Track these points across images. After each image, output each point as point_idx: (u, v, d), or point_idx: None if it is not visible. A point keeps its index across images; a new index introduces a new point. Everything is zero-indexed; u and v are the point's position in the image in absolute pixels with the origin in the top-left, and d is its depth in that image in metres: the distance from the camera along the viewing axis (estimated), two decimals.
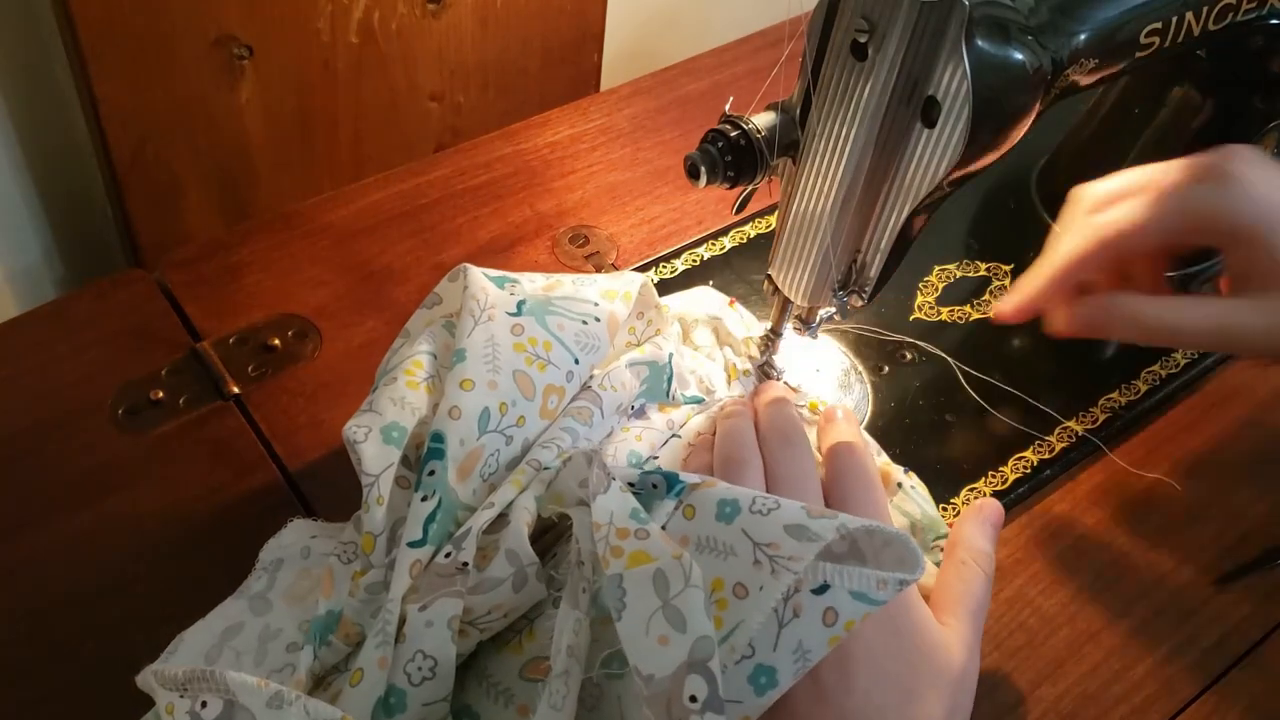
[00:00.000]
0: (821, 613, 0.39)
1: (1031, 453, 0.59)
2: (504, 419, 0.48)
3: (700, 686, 0.37)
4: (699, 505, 0.43)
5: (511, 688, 0.44)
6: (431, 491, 0.45)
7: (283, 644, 0.46)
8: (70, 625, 0.50)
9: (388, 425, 0.46)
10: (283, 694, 0.39)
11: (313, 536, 0.50)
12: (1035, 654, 0.52)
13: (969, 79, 0.43)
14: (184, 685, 0.40)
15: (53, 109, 0.70)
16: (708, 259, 0.68)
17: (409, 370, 0.49)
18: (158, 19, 0.65)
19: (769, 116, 0.49)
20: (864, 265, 0.52)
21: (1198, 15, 0.55)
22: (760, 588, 0.39)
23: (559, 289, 0.54)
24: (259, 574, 0.49)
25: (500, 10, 0.79)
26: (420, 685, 0.42)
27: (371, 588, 0.45)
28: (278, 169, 0.76)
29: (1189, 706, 0.51)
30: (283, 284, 0.65)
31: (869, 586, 0.40)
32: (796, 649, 0.39)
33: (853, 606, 0.40)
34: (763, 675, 0.39)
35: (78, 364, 0.60)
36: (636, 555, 0.40)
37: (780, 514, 0.41)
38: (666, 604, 0.39)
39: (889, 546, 0.41)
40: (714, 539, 0.42)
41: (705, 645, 0.38)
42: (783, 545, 0.40)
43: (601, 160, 0.75)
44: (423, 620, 0.43)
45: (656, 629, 0.38)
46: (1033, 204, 0.74)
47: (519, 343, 0.50)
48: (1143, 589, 0.54)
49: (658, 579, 0.40)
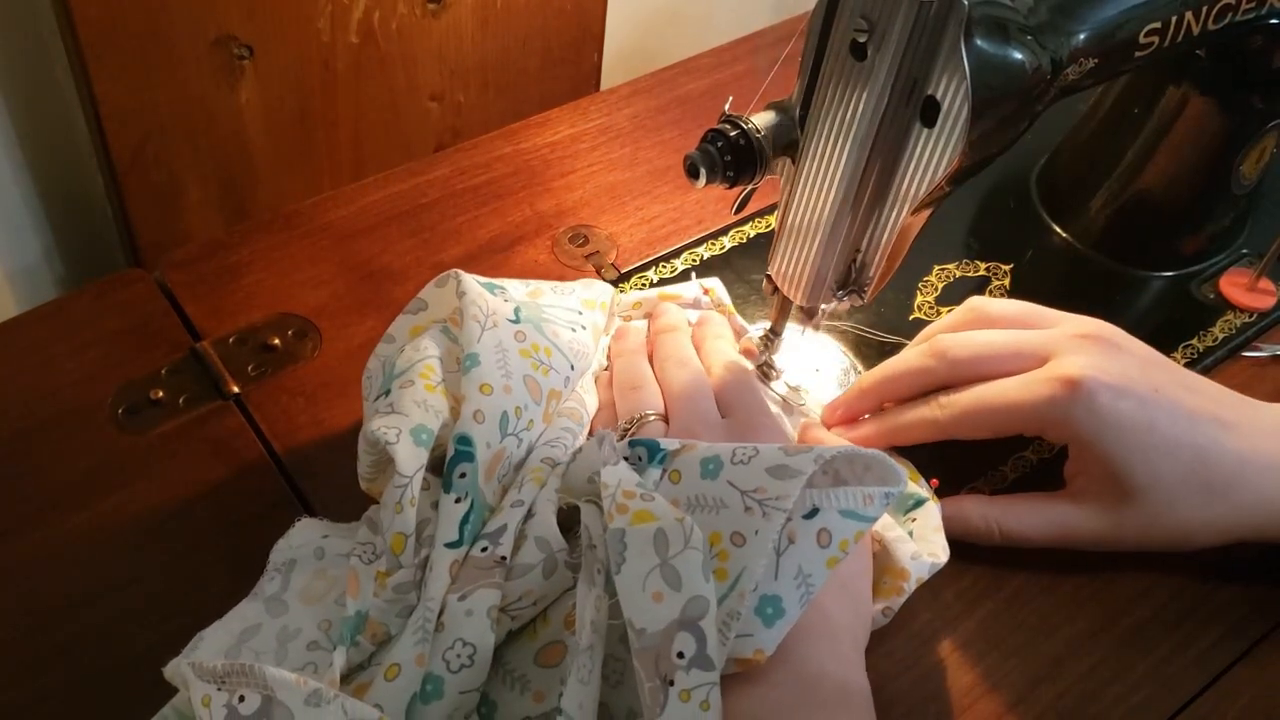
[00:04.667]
0: (815, 535, 0.42)
1: (1031, 452, 0.59)
2: (519, 423, 0.49)
3: (689, 643, 0.39)
4: (683, 468, 0.45)
5: (527, 674, 0.45)
6: (464, 494, 0.46)
7: (302, 644, 0.46)
8: (70, 625, 0.50)
9: (416, 428, 0.47)
10: (321, 692, 0.40)
11: (324, 536, 0.50)
12: (1035, 654, 0.52)
13: (968, 79, 0.43)
14: (222, 678, 0.41)
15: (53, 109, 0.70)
16: (707, 259, 0.68)
17: (424, 374, 0.49)
18: (158, 19, 0.65)
19: (769, 116, 0.49)
20: (864, 265, 0.52)
21: (1197, 15, 0.55)
22: (756, 532, 0.41)
23: (542, 297, 0.56)
24: (272, 575, 0.49)
25: (500, 10, 0.79)
26: (459, 673, 0.43)
27: (400, 588, 0.46)
28: (278, 169, 0.76)
29: (1189, 706, 0.51)
30: (282, 284, 0.65)
31: (857, 503, 0.42)
32: (797, 574, 0.41)
33: (844, 525, 0.42)
34: (769, 606, 0.41)
35: (78, 364, 0.60)
36: (641, 514, 0.42)
37: (760, 459, 0.43)
38: (665, 563, 0.40)
39: (870, 470, 0.44)
40: (703, 496, 0.44)
41: (699, 605, 0.39)
42: (768, 488, 0.42)
43: (601, 160, 0.75)
44: (463, 610, 0.44)
45: (653, 585, 0.40)
46: (1033, 204, 0.74)
47: (524, 349, 0.51)
48: (1143, 589, 0.54)
49: (658, 538, 0.41)
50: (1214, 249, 0.71)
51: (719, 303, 0.62)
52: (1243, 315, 0.68)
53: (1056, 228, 0.72)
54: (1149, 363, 0.54)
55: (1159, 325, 0.67)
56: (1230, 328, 0.67)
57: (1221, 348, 0.66)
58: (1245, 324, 0.67)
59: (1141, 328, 0.67)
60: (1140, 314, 0.68)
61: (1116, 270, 0.70)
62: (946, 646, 0.52)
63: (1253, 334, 0.67)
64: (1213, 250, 0.71)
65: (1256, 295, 0.68)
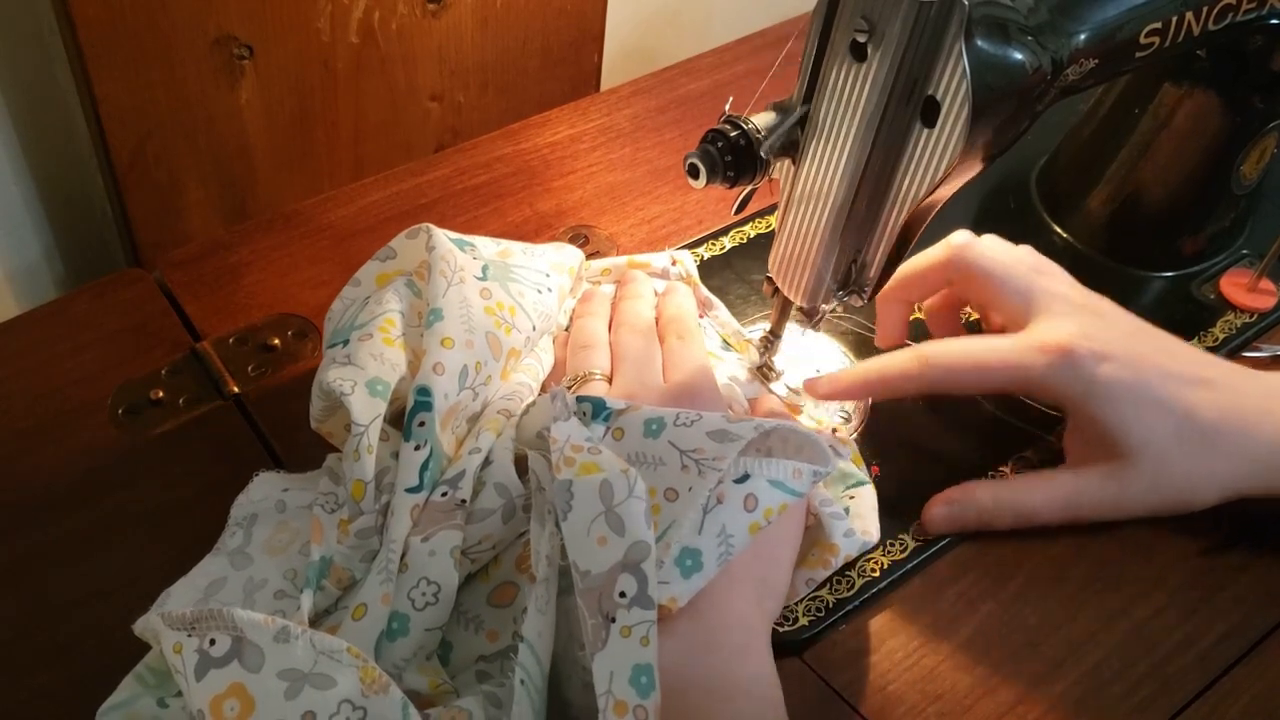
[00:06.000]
0: (743, 499, 0.44)
1: (1032, 453, 0.59)
2: (477, 377, 0.51)
3: (630, 584, 0.41)
4: (627, 426, 0.47)
5: (481, 615, 0.47)
6: (423, 441, 0.48)
7: (269, 593, 0.47)
8: (70, 625, 0.50)
9: (371, 379, 0.48)
10: (289, 629, 0.41)
11: (284, 490, 0.51)
12: (1035, 654, 0.52)
13: (969, 79, 0.43)
14: (191, 624, 0.41)
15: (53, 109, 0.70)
16: (708, 259, 0.68)
17: (383, 328, 0.51)
18: (158, 19, 0.65)
19: (769, 116, 0.49)
20: (864, 265, 0.52)
21: (1198, 15, 0.55)
22: (689, 488, 0.44)
23: (512, 257, 0.57)
24: (233, 530, 0.50)
25: (500, 10, 0.79)
26: (424, 610, 0.45)
27: (362, 533, 0.47)
28: (278, 169, 0.76)
29: (1189, 706, 0.51)
30: (282, 284, 0.65)
31: (786, 475, 0.44)
32: (720, 532, 0.43)
33: (771, 494, 0.44)
34: (688, 558, 0.42)
35: (78, 364, 0.60)
36: (587, 466, 0.44)
37: (702, 424, 0.45)
38: (609, 510, 0.42)
39: (802, 450, 0.46)
40: (643, 453, 0.46)
41: (640, 549, 0.41)
42: (707, 449, 0.44)
43: (601, 160, 0.75)
44: (426, 550, 0.45)
45: (597, 530, 0.42)
46: (1033, 204, 0.74)
47: (489, 306, 0.52)
48: (1143, 588, 0.54)
49: (604, 488, 0.43)
50: (1214, 249, 0.71)
51: (686, 274, 0.63)
52: (1243, 315, 0.68)
53: (1056, 228, 0.72)
54: (1133, 328, 0.55)
55: (1159, 325, 0.67)
56: (1230, 328, 0.67)
57: (1222, 348, 0.66)
58: (1245, 324, 0.67)
59: None
60: (1140, 314, 0.67)
61: (1117, 270, 0.70)
62: (946, 646, 0.52)
63: (1253, 334, 0.67)
64: (1213, 250, 0.71)
65: (1256, 295, 0.68)
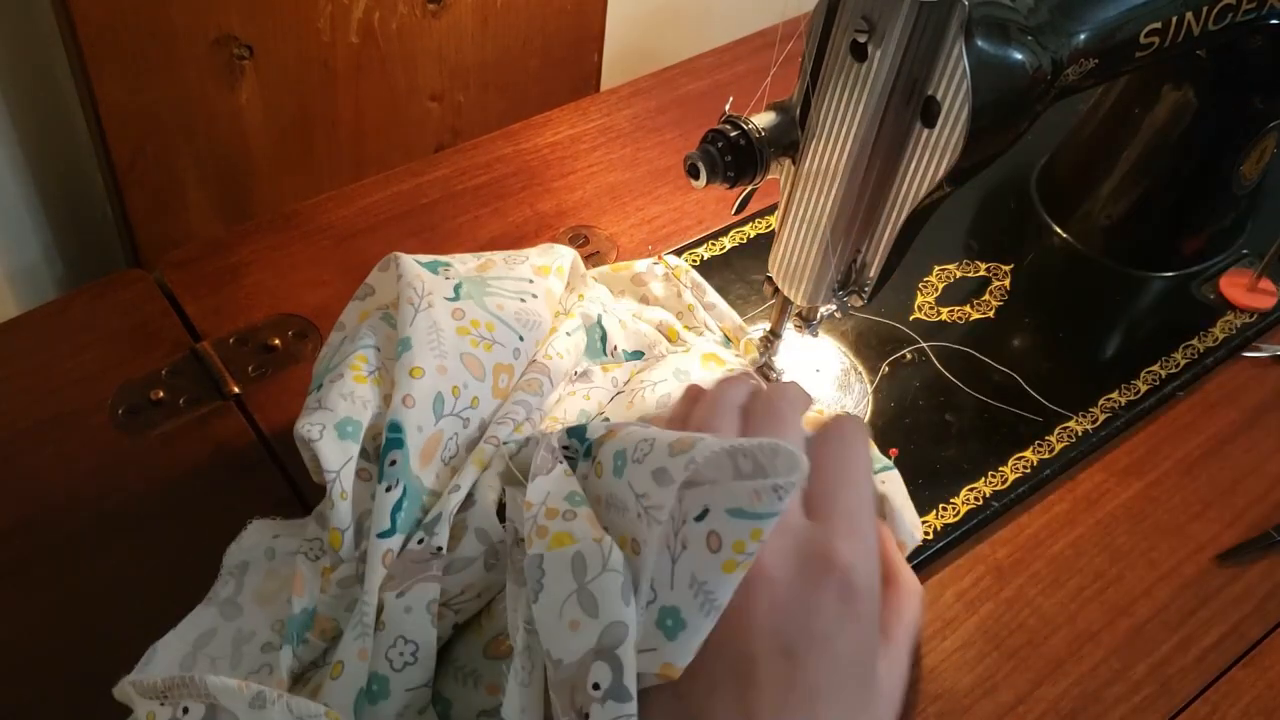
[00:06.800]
0: (705, 538, 0.38)
1: (1031, 453, 0.59)
2: (458, 402, 0.49)
3: (604, 674, 0.37)
4: (604, 460, 0.43)
5: (478, 669, 0.45)
6: (395, 481, 0.46)
7: (257, 645, 0.46)
8: (70, 626, 0.50)
9: (341, 421, 0.47)
10: (264, 694, 0.39)
11: (275, 536, 0.50)
12: (1035, 654, 0.52)
13: (969, 79, 0.43)
14: (164, 693, 0.40)
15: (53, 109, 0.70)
16: (708, 259, 0.68)
17: (354, 365, 0.50)
18: (158, 19, 0.65)
19: (769, 116, 0.49)
20: (864, 265, 0.52)
21: (1198, 15, 0.55)
22: (645, 542, 0.39)
23: (492, 269, 0.55)
24: (225, 579, 0.49)
25: (500, 10, 0.79)
26: (403, 670, 0.43)
27: (343, 582, 0.46)
28: (278, 169, 0.76)
29: (1189, 706, 0.51)
30: (282, 284, 0.65)
31: (744, 500, 0.38)
32: (691, 583, 0.38)
33: (733, 526, 0.38)
34: (668, 617, 0.38)
35: (78, 364, 0.60)
36: (559, 536, 0.40)
37: (651, 457, 0.40)
38: (582, 588, 0.39)
39: (775, 459, 0.38)
40: (614, 495, 0.42)
41: (616, 631, 0.37)
42: (651, 494, 0.39)
43: (601, 160, 0.75)
44: (401, 606, 0.43)
45: (569, 613, 0.38)
46: (1033, 204, 0.74)
47: (462, 326, 0.51)
48: (1143, 589, 0.54)
49: (576, 562, 0.39)
50: (1214, 249, 0.71)
51: (672, 270, 0.62)
52: (1243, 315, 0.68)
53: (1056, 228, 0.72)
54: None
55: (1159, 326, 0.67)
56: (1230, 328, 0.67)
57: (1221, 348, 0.66)
58: (1245, 324, 0.67)
59: (1142, 328, 0.67)
60: (1140, 314, 0.68)
61: (1117, 270, 0.70)
62: (947, 646, 0.52)
63: (1253, 334, 0.67)
64: (1213, 250, 0.71)
65: (1257, 295, 0.68)
